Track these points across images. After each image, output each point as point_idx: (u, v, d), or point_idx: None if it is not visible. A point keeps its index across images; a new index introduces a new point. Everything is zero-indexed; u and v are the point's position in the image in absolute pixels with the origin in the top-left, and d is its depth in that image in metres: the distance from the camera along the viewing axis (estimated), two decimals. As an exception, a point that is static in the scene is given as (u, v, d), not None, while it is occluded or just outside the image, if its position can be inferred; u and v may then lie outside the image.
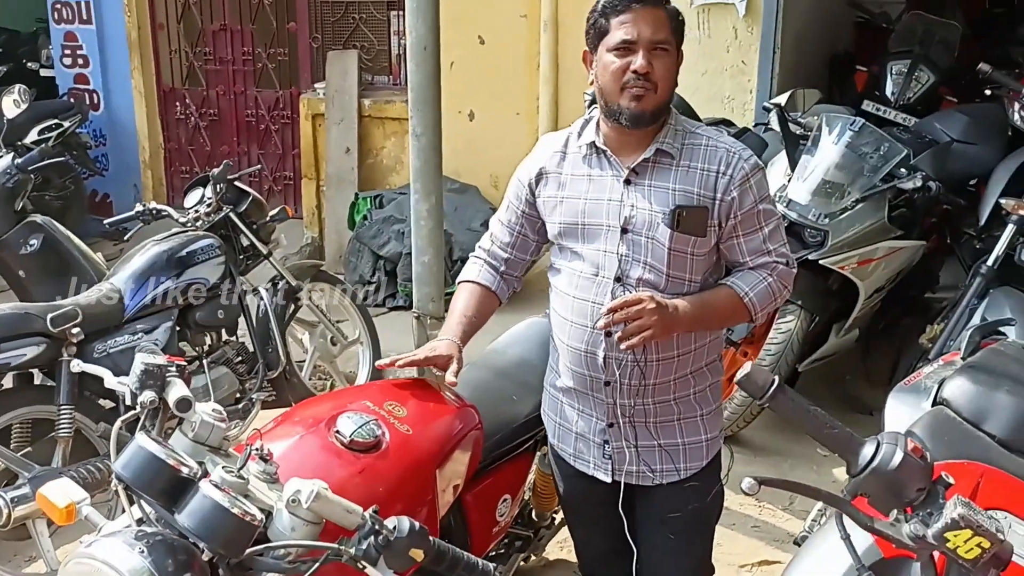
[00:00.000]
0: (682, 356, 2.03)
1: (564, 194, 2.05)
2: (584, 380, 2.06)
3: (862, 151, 3.50)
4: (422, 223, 3.97)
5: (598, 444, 2.10)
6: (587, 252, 2.01)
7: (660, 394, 2.04)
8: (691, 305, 1.95)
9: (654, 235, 1.95)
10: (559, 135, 2.14)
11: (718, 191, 1.95)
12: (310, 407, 1.97)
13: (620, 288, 1.97)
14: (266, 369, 3.81)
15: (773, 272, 2.03)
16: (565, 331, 2.06)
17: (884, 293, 3.77)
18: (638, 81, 1.89)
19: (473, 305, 2.18)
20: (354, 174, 6.06)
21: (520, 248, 2.21)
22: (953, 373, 2.17)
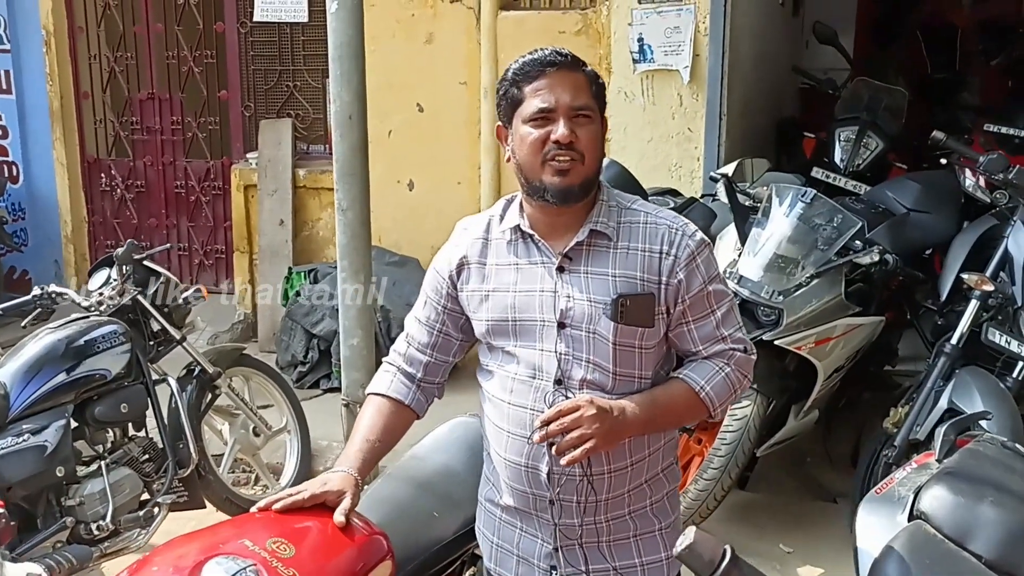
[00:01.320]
0: (636, 464, 1.81)
1: (490, 287, 1.83)
2: (526, 498, 1.82)
3: (815, 223, 3.31)
4: (350, 303, 3.69)
5: (544, 570, 1.85)
6: (521, 352, 1.80)
7: (613, 510, 1.82)
8: (640, 406, 1.74)
9: (596, 329, 1.75)
10: (479, 220, 1.91)
11: (663, 274, 1.76)
12: (174, 549, 1.64)
13: (561, 392, 1.76)
14: (176, 468, 3.46)
15: (730, 360, 1.83)
16: (501, 443, 1.83)
17: (844, 372, 3.55)
18: (560, 151, 1.71)
19: (379, 426, 1.90)
20: (288, 247, 5.77)
21: (442, 349, 1.96)
22: (930, 481, 1.92)
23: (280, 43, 5.86)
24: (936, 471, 1.98)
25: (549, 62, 1.74)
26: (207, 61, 6.01)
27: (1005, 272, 3.27)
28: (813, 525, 3.72)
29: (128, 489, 3.28)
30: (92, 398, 3.26)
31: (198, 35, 6.00)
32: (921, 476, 2.00)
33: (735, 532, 3.68)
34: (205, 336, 5.65)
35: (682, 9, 4.62)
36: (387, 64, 5.30)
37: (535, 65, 1.74)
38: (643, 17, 4.68)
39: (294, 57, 5.86)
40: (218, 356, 3.85)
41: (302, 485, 1.82)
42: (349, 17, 3.39)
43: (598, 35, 4.94)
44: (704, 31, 4.60)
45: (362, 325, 3.70)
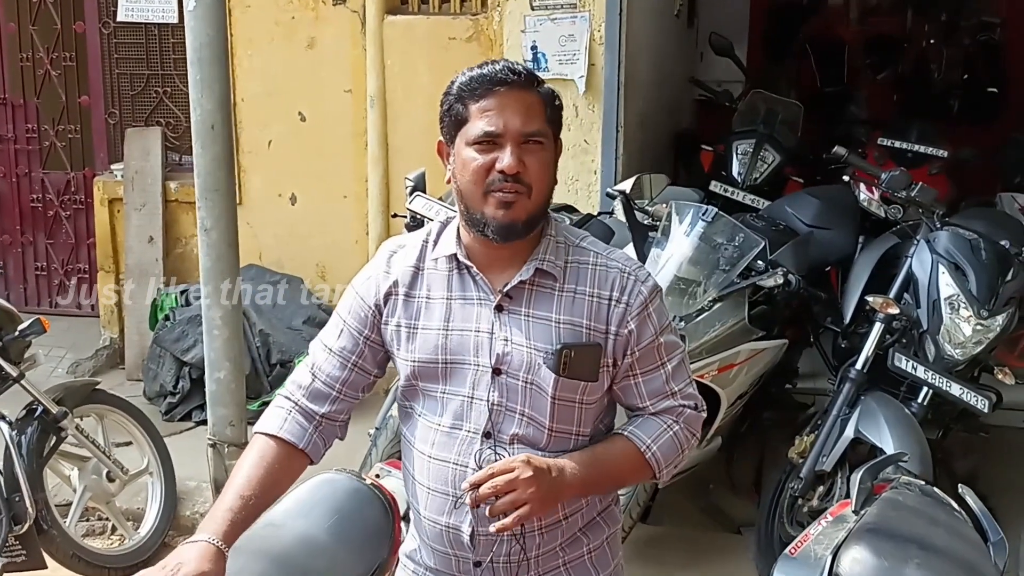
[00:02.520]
0: (571, 517, 1.66)
1: (419, 322, 1.64)
2: (448, 560, 1.67)
3: (716, 242, 3.14)
4: (216, 332, 3.36)
5: None
6: (448, 399, 1.63)
7: (546, 564, 1.67)
8: (579, 465, 1.58)
9: (534, 380, 1.59)
10: (409, 245, 1.69)
11: (612, 323, 1.60)
12: None
13: (489, 447, 1.60)
14: (11, 523, 3.05)
15: (679, 418, 1.67)
16: (421, 500, 1.66)
17: (747, 398, 3.39)
18: (506, 183, 1.52)
19: (258, 478, 1.60)
20: (159, 266, 5.33)
21: (353, 385, 1.70)
22: (849, 540, 1.73)
23: (148, 45, 5.41)
24: (855, 526, 1.79)
25: (500, 80, 1.55)
26: (66, 64, 5.51)
27: (909, 293, 3.18)
28: (717, 556, 3.57)
29: (-53, 556, 2.86)
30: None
31: (55, 35, 5.49)
32: (838, 531, 1.82)
33: (638, 568, 3.48)
34: (65, 364, 5.18)
35: (576, 16, 4.42)
36: (265, 70, 4.97)
37: (483, 82, 1.55)
38: (536, 24, 4.47)
39: (163, 60, 5.42)
40: (65, 393, 3.44)
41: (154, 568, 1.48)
42: (209, 16, 3.07)
43: (490, 42, 4.71)
44: (600, 39, 4.41)
45: (230, 357, 3.37)
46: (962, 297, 3.01)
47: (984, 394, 2.99)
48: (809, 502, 3.02)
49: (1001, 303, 3.06)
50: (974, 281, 3.04)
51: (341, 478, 2.04)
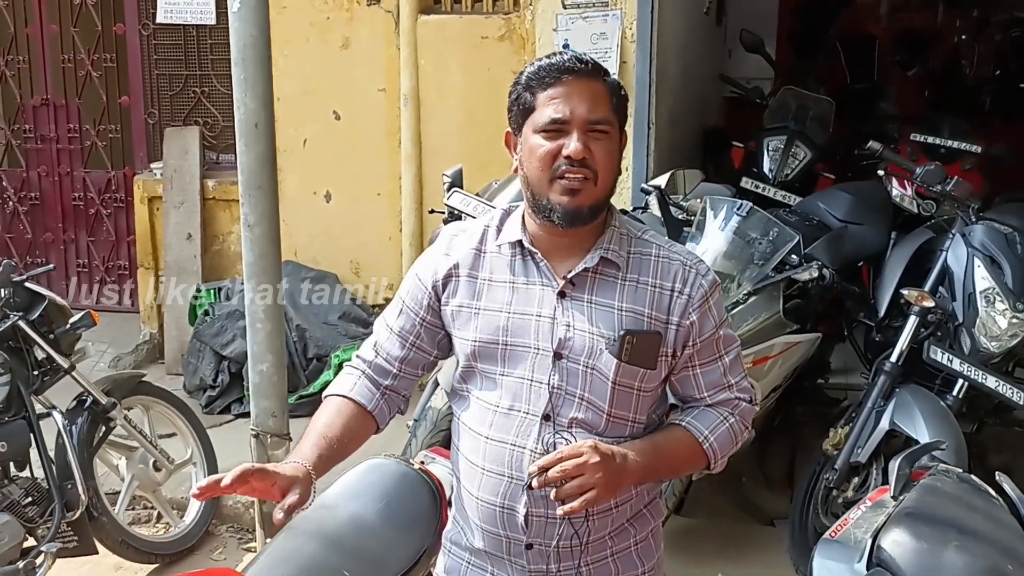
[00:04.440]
0: (620, 506, 1.69)
1: (480, 304, 1.67)
2: (499, 542, 1.68)
3: (750, 237, 3.18)
4: (259, 325, 3.42)
5: None
6: (508, 380, 1.65)
7: (595, 552, 1.69)
8: (641, 453, 1.60)
9: (595, 364, 1.62)
10: (472, 229, 1.73)
11: (674, 313, 1.63)
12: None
13: (549, 429, 1.61)
14: (64, 510, 3.15)
15: (735, 411, 1.70)
16: (475, 480, 1.68)
17: (780, 391, 3.43)
18: (572, 169, 1.56)
19: (338, 425, 1.68)
20: (197, 263, 5.43)
21: (412, 363, 1.77)
22: (888, 524, 1.77)
23: (186, 46, 5.52)
24: (894, 511, 1.83)
25: (567, 68, 1.59)
26: (106, 65, 5.64)
27: (944, 287, 3.19)
28: (750, 549, 3.60)
29: (7, 537, 2.96)
30: (-35, 437, 2.93)
31: (96, 37, 5.62)
32: (877, 516, 1.86)
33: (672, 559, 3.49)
34: (107, 358, 5.29)
35: (608, 15, 4.47)
36: (301, 70, 5.05)
37: (551, 71, 1.59)
38: (568, 22, 4.52)
39: (201, 61, 5.53)
40: (113, 385, 3.54)
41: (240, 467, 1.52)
42: (253, 17, 3.13)
43: (522, 41, 4.76)
44: (631, 37, 4.45)
45: (272, 349, 3.42)
46: (998, 290, 3.03)
47: (1020, 387, 3.00)
48: (844, 493, 3.05)
49: (1036, 297, 3.07)
50: (1010, 274, 3.06)
51: (390, 463, 2.10)
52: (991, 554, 1.71)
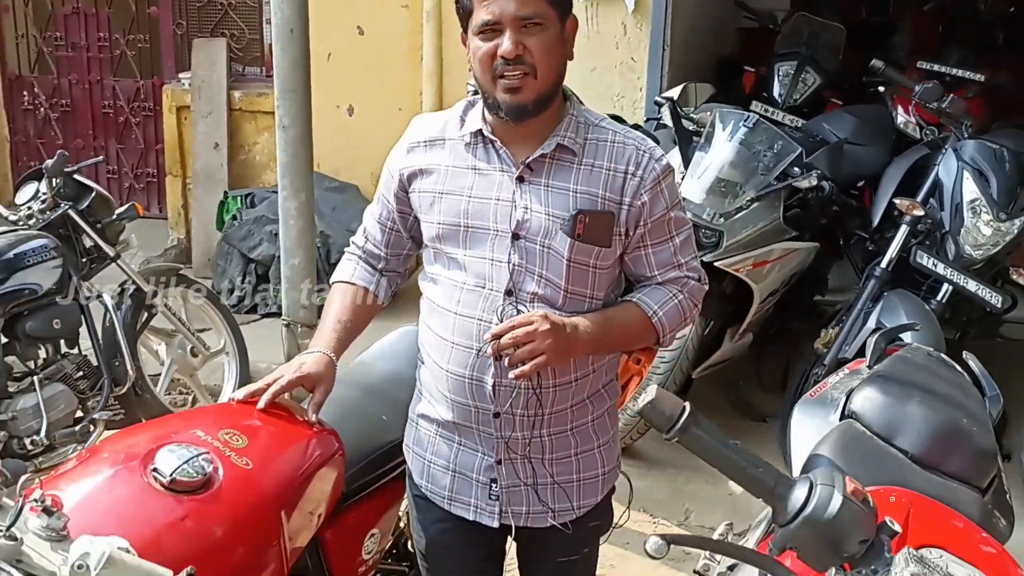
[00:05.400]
0: (580, 380, 1.78)
1: (443, 189, 1.75)
2: (468, 412, 1.77)
3: (756, 148, 3.36)
4: (291, 222, 3.66)
5: (483, 484, 1.81)
6: (470, 260, 1.73)
7: (556, 424, 1.78)
8: (592, 325, 1.70)
9: (551, 244, 1.69)
10: (436, 118, 1.82)
11: (626, 195, 1.69)
12: (125, 439, 1.63)
13: (511, 304, 1.70)
14: (112, 385, 3.40)
15: (684, 288, 1.79)
16: (444, 354, 1.77)
17: (778, 296, 3.65)
18: (509, 67, 1.61)
19: (349, 308, 1.88)
20: (223, 171, 5.64)
21: (394, 246, 1.93)
22: (861, 384, 2.01)
23: (214, -42, 5.65)
24: (867, 376, 2.07)
25: None
26: (135, -26, 5.78)
27: (935, 198, 3.38)
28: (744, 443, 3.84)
29: (63, 405, 3.23)
30: (23, 313, 3.18)
31: (126, -54, 5.76)
32: (853, 381, 2.10)
33: (669, 451, 3.80)
34: (137, 261, 5.52)
35: (627, -62, 4.57)
36: (327, -16, 5.16)
37: None
38: (589, -56, 4.63)
39: (228, -27, 5.66)
40: (154, 274, 3.76)
41: (277, 371, 1.80)
42: (290, -76, 3.30)
43: (545, -41, 4.86)
44: (648, -39, 4.57)
45: (303, 245, 3.67)
46: (983, 201, 3.22)
47: (1000, 292, 3.22)
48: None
49: (1019, 208, 3.26)
50: (995, 186, 3.25)
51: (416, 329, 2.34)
52: (950, 411, 1.94)
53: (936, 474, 1.81)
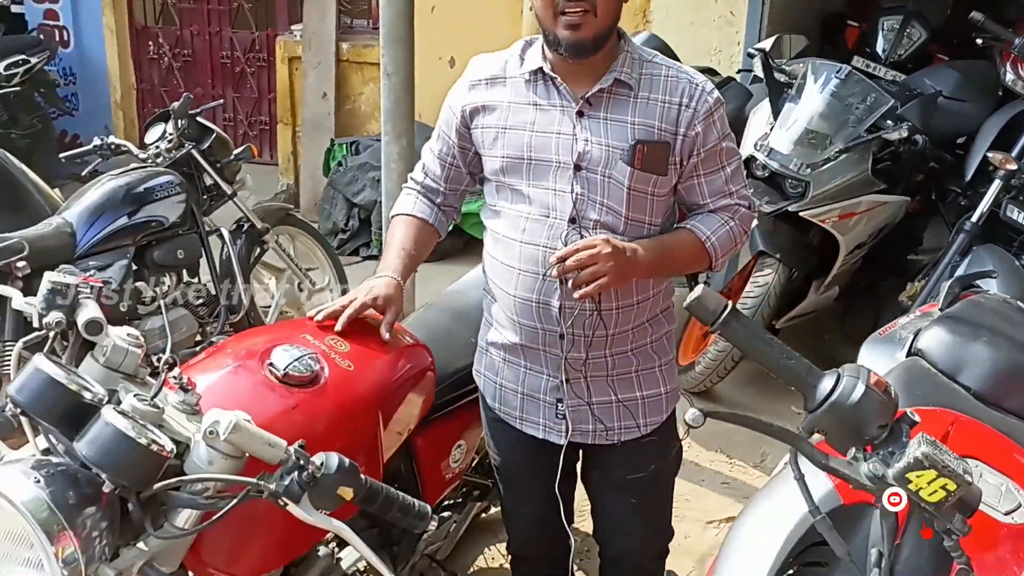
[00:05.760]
0: (640, 304, 1.88)
1: (506, 124, 1.83)
2: (535, 335, 1.87)
3: (848, 101, 3.37)
4: (392, 166, 3.84)
5: (550, 404, 1.93)
6: (534, 192, 1.82)
7: (618, 345, 1.89)
8: (650, 249, 1.79)
9: (611, 173, 1.78)
10: (496, 58, 1.90)
11: (681, 125, 1.78)
12: (244, 339, 1.85)
13: (575, 231, 1.79)
14: (228, 313, 3.69)
15: (735, 215, 1.88)
16: (512, 281, 1.87)
17: (865, 250, 3.67)
18: (570, 4, 1.67)
19: (411, 238, 2.00)
20: (331, 120, 5.90)
21: (453, 181, 2.03)
22: (929, 324, 2.07)
23: (327, -86, 5.85)
24: (936, 316, 2.13)
25: None
26: (252, -71, 6.04)
27: (1030, 154, 3.34)
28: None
29: (184, 328, 3.52)
30: (151, 243, 3.47)
31: (245, -97, 6.02)
32: (923, 322, 2.16)
33: (751, 394, 3.89)
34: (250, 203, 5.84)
35: None
36: (432, -63, 5.32)
37: None
38: None
39: (339, -72, 5.86)
40: (266, 213, 4.04)
41: (350, 294, 1.97)
42: None
43: (651, -90, 4.89)
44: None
45: (402, 191, 3.86)
46: (1079, 156, 3.17)
47: (1094, 251, 3.17)
48: (914, 340, 3.30)
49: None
50: (1093, 142, 3.18)
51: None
52: (1017, 353, 1.98)
53: (997, 410, 1.87)
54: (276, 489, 1.34)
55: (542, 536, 2.13)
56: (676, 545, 2.89)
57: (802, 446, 1.05)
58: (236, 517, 1.43)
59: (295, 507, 1.34)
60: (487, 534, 2.98)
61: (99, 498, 1.30)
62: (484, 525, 2.99)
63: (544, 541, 2.14)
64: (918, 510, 1.05)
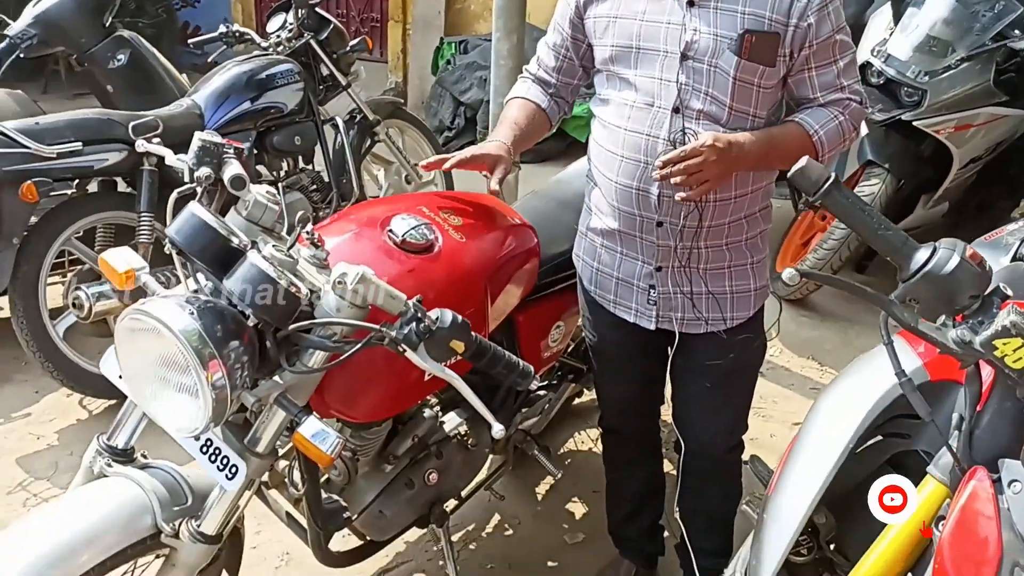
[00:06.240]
0: (739, 198, 1.89)
1: (617, 14, 1.85)
2: (633, 221, 1.91)
3: (974, 7, 3.24)
4: (502, 63, 3.90)
5: (643, 289, 1.99)
6: (641, 80, 1.83)
7: (714, 238, 1.91)
8: (755, 141, 1.78)
9: (718, 63, 1.76)
10: None
11: (792, 16, 1.74)
12: (365, 209, 1.98)
13: (679, 119, 1.80)
14: (339, 199, 3.87)
15: (845, 110, 1.85)
16: (614, 167, 1.90)
17: (980, 165, 3.57)
18: None
19: (524, 117, 2.05)
20: (441, 18, 5.95)
21: (567, 74, 2.08)
22: (1037, 231, 2.05)
23: None
24: (1046, 225, 2.10)
25: None
26: None
27: None
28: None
29: (300, 210, 3.70)
30: (270, 129, 3.65)
31: None
32: (1031, 230, 2.13)
33: (843, 306, 3.89)
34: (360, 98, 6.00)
35: None
36: None
37: None
38: None
39: None
40: (378, 106, 4.17)
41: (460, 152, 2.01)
42: None
43: None
44: None
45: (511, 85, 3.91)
46: None
47: None
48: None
49: None
50: None
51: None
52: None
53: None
54: (396, 336, 1.47)
55: (631, 413, 2.25)
56: (762, 443, 3.00)
57: (893, 309, 1.10)
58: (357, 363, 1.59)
59: (412, 354, 1.47)
60: (578, 420, 3.13)
61: (242, 334, 1.46)
62: (575, 411, 3.14)
63: (633, 417, 2.27)
64: (1002, 378, 1.10)
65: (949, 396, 1.31)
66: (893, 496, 1.12)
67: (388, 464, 2.04)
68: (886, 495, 1.13)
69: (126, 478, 1.61)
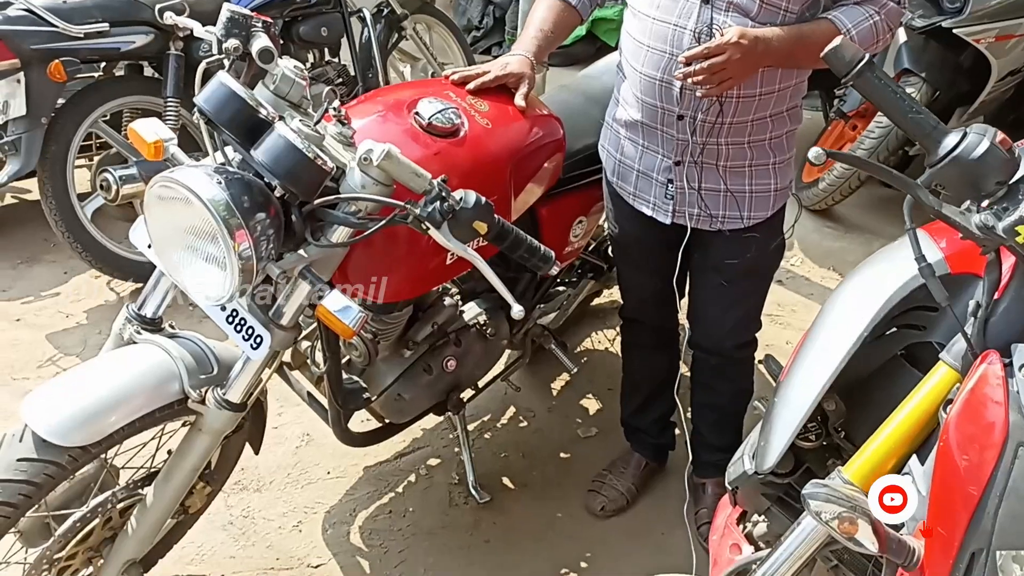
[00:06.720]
0: (764, 96, 1.86)
1: None
2: (655, 113, 1.91)
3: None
4: (532, -41, 3.81)
5: (661, 183, 1.99)
6: None
7: (735, 135, 1.89)
8: (784, 38, 1.73)
9: None
10: None
11: None
12: (393, 92, 1.97)
13: (707, 10, 1.77)
14: (364, 92, 3.83)
15: (882, 9, 1.79)
16: (640, 57, 1.88)
17: (1018, 79, 3.48)
18: None
19: (551, 19, 2.04)
20: (472, -87, 5.78)
21: None
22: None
23: None
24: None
25: None
26: None
27: None
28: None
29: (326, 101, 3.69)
30: (296, 19, 3.61)
31: None
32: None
33: (871, 215, 3.87)
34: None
35: None
36: None
37: None
38: None
39: None
40: (406, 0, 4.10)
41: (485, 66, 2.05)
42: None
43: None
44: None
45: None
46: None
47: None
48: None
49: None
50: None
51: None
52: None
53: None
54: (420, 213, 1.48)
55: (651, 303, 2.28)
56: (778, 348, 3.02)
57: (917, 193, 1.10)
58: (380, 243, 1.61)
59: (436, 232, 1.49)
60: (596, 320, 3.16)
61: (269, 206, 1.47)
62: (593, 312, 3.18)
63: (652, 307, 2.30)
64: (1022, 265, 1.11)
65: (967, 289, 1.32)
66: (893, 496, 1.14)
67: (408, 349, 2.08)
68: (886, 495, 1.14)
69: (155, 345, 1.66)
